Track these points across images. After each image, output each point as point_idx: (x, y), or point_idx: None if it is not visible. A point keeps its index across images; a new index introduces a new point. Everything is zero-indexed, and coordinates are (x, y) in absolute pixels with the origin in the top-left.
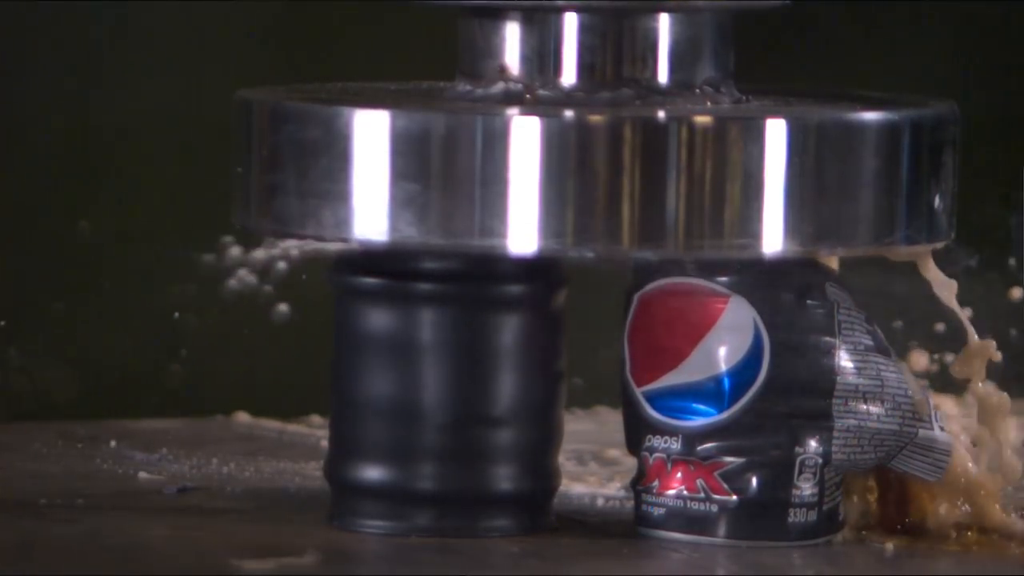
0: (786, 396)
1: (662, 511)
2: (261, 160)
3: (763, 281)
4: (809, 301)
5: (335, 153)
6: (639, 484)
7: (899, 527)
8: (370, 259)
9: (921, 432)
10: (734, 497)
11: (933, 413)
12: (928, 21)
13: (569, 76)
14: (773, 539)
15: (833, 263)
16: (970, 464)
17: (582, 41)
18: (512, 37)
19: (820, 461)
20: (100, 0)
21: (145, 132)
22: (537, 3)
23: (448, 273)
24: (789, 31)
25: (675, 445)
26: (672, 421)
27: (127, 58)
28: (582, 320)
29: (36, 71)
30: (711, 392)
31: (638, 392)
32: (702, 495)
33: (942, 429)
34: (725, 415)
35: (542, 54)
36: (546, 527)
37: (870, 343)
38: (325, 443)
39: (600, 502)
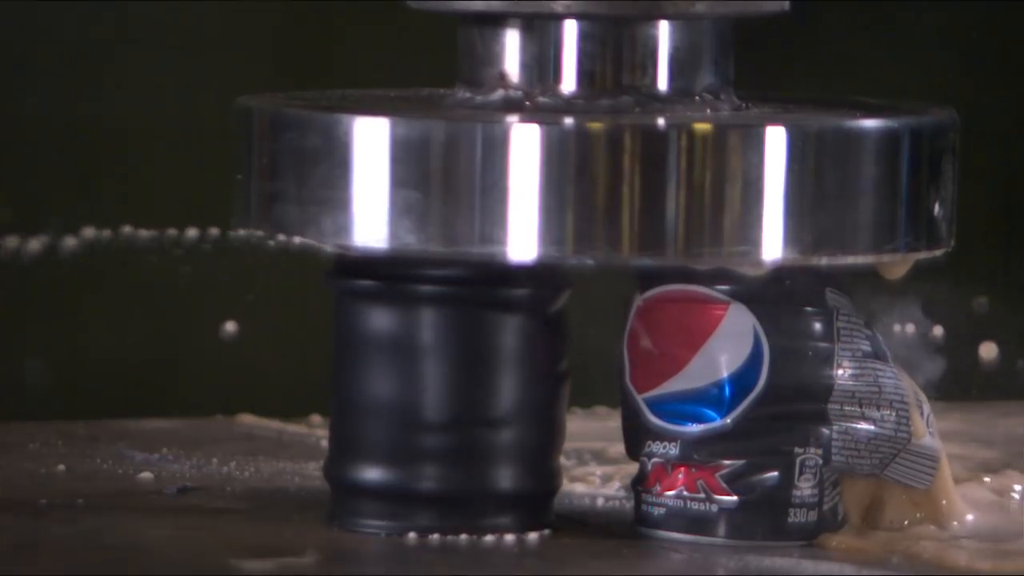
0: (784, 401)
1: (662, 511)
2: (261, 167)
3: (762, 288)
4: (808, 308)
5: (335, 160)
6: (640, 485)
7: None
8: (372, 261)
9: (914, 438)
10: (734, 497)
11: (926, 419)
12: (928, 28)
13: (569, 83)
14: (773, 539)
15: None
16: None
17: (582, 48)
18: (512, 44)
19: (820, 461)
20: (100, 0)
21: (146, 133)
22: (538, 1)
23: (450, 275)
24: (789, 38)
25: (675, 450)
26: (673, 427)
27: (127, 61)
28: (582, 320)
29: (36, 74)
30: (712, 398)
31: (639, 399)
32: (702, 495)
33: (931, 436)
34: (726, 420)
35: (542, 61)
36: (546, 527)
37: (868, 349)
38: (325, 443)
39: (600, 502)
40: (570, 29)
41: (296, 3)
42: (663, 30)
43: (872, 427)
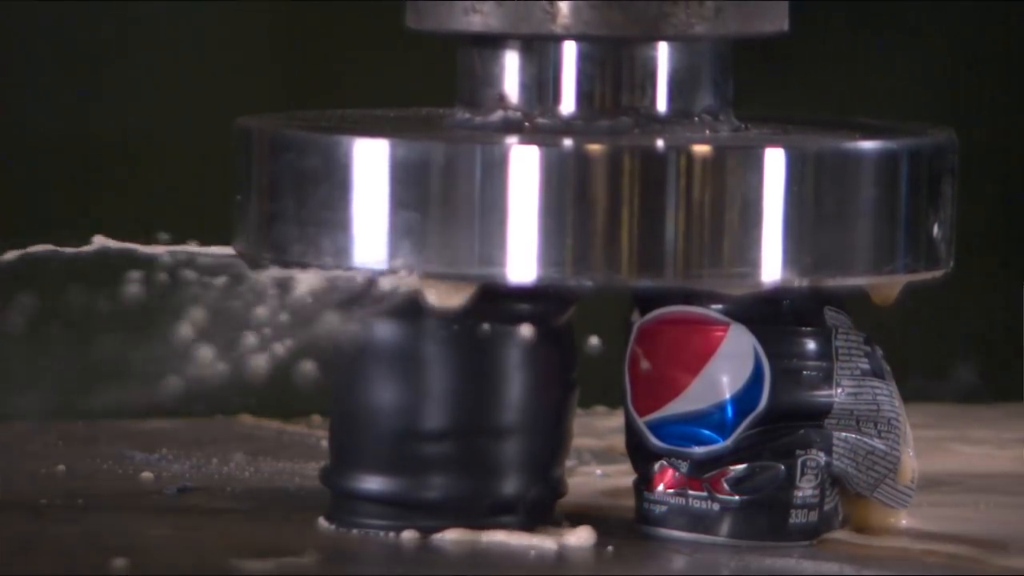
0: (784, 419)
1: (664, 509)
2: (260, 188)
3: (762, 308)
4: (807, 327)
5: (335, 181)
6: (641, 483)
7: None
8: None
9: (902, 457)
10: (736, 497)
11: (905, 437)
12: (927, 45)
13: (568, 104)
14: (774, 539)
15: None
16: None
17: (581, 70)
18: (511, 66)
19: (821, 462)
20: (102, 1)
21: (148, 140)
22: (537, 20)
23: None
24: (788, 58)
25: (683, 469)
26: (677, 449)
27: (128, 68)
28: (583, 321)
29: (36, 82)
30: (715, 420)
31: (640, 422)
32: (704, 494)
33: (912, 456)
34: (729, 441)
35: (541, 82)
36: (547, 528)
37: (867, 367)
38: (325, 443)
39: (600, 501)
40: (569, 50)
41: (298, 21)
42: (662, 51)
43: (869, 442)
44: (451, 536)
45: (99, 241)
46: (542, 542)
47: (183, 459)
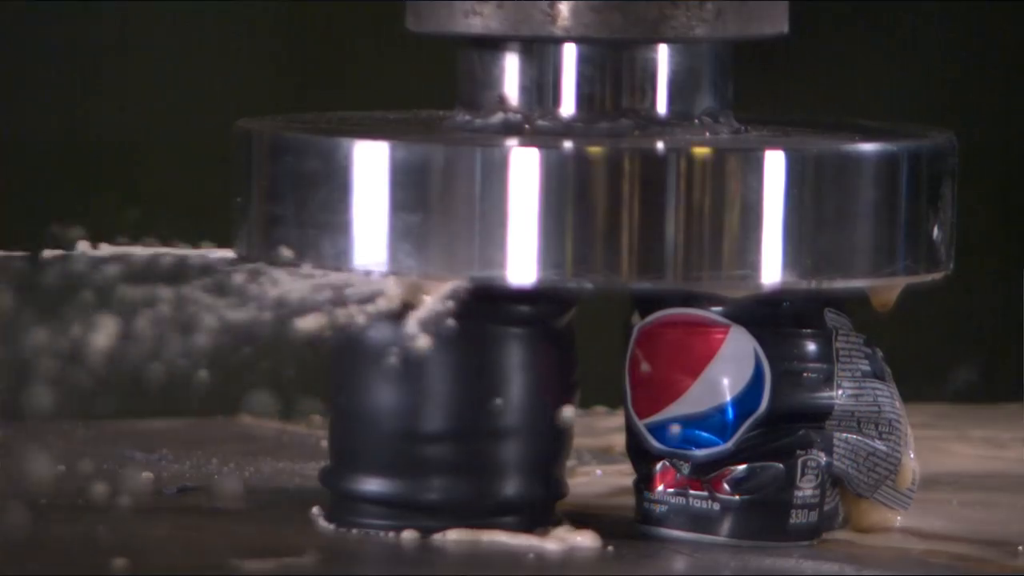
0: (785, 421)
1: (664, 508)
2: (261, 190)
3: (762, 310)
4: (808, 329)
5: (335, 184)
6: (642, 485)
7: None
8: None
9: (903, 459)
10: (737, 497)
11: (907, 440)
12: (927, 47)
13: (568, 107)
14: (774, 539)
15: None
16: None
17: (581, 72)
18: (511, 68)
19: (822, 462)
20: (101, 1)
21: (148, 140)
22: (537, 24)
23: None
24: (788, 60)
25: (684, 471)
26: (677, 451)
27: (128, 68)
28: (584, 321)
29: (36, 82)
30: (715, 423)
31: (640, 424)
32: (705, 493)
33: (912, 458)
34: (730, 444)
35: (541, 85)
36: (548, 528)
37: (867, 368)
38: (325, 443)
39: (600, 501)
40: (569, 52)
41: (298, 22)
42: (662, 53)
43: (871, 443)
44: (451, 536)
45: (103, 247)
46: (542, 542)
47: (183, 459)
